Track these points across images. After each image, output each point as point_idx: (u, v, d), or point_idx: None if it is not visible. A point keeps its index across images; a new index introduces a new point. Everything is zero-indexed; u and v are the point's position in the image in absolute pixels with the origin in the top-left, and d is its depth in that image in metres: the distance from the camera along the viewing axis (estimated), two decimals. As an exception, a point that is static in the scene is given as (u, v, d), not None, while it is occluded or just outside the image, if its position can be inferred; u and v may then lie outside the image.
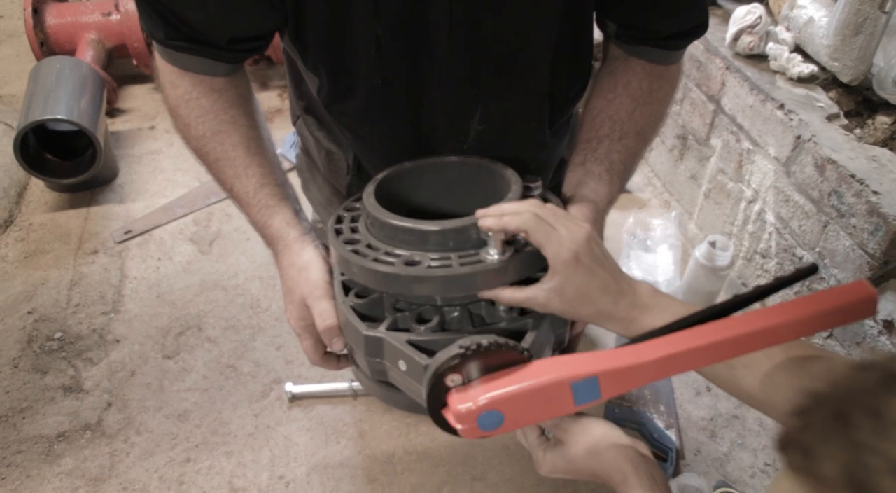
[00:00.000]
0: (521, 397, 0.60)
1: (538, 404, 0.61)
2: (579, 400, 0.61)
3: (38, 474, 1.22)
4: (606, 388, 0.62)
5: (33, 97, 1.72)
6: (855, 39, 1.25)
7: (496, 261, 0.65)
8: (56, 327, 1.48)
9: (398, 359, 0.66)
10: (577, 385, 0.61)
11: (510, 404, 0.60)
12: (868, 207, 1.12)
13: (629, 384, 0.63)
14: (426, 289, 0.66)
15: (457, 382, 0.61)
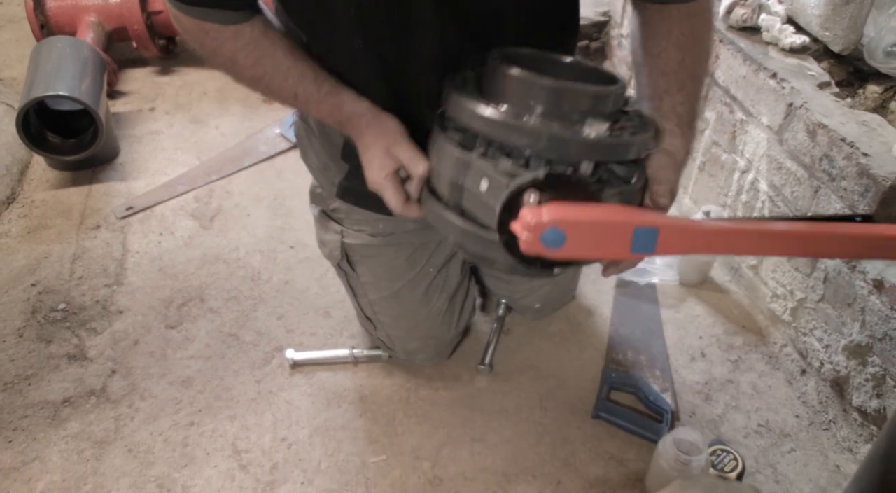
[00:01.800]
0: (587, 225, 0.68)
1: (599, 238, 0.68)
2: (636, 247, 0.69)
3: (44, 437, 1.24)
4: (663, 243, 0.70)
5: (35, 76, 1.73)
6: (845, 9, 1.28)
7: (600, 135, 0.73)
8: (60, 298, 1.50)
9: (481, 178, 0.73)
10: (638, 231, 0.68)
11: (574, 227, 0.66)
12: (858, 169, 1.14)
13: (684, 247, 0.73)
14: (525, 140, 0.72)
15: (533, 200, 0.68)
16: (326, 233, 1.22)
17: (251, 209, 1.76)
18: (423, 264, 1.23)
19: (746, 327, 1.46)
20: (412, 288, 1.24)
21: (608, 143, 0.72)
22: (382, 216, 1.16)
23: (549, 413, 1.30)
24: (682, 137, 0.88)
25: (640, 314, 1.49)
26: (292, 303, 1.50)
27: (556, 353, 1.41)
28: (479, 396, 1.33)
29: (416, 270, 1.23)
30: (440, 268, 1.27)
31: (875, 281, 1.14)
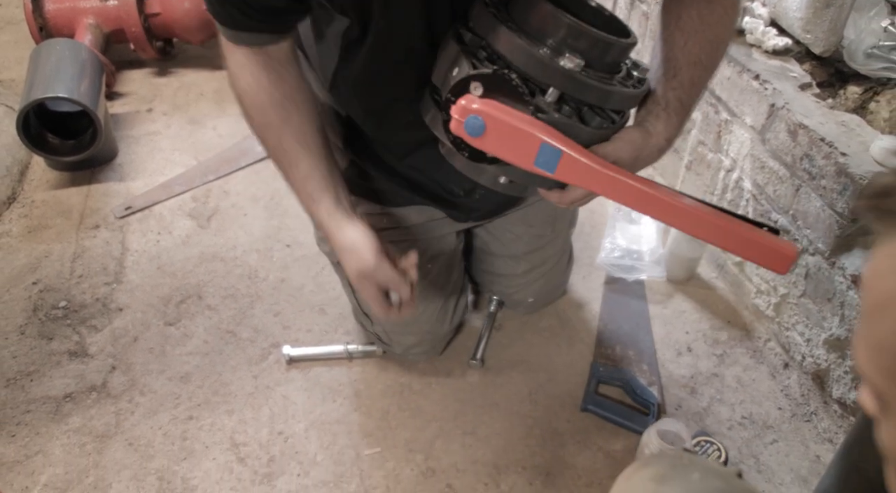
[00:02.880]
0: (503, 123, 0.77)
1: (511, 140, 0.78)
2: (539, 161, 0.79)
3: (46, 431, 1.27)
4: (562, 169, 0.80)
5: (35, 78, 1.76)
6: (826, 12, 1.31)
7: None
8: (60, 296, 1.53)
9: (456, 67, 0.82)
10: (545, 147, 0.78)
11: (493, 121, 0.77)
12: (837, 168, 1.18)
13: (580, 180, 0.82)
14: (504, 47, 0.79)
15: (475, 91, 0.78)
16: None
17: (248, 209, 1.79)
18: (423, 260, 1.27)
19: (732, 322, 1.50)
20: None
21: (575, 78, 0.79)
22: (386, 209, 1.20)
23: (538, 406, 1.33)
24: (664, 123, 0.90)
25: (628, 310, 1.53)
26: (288, 300, 1.54)
27: (547, 348, 1.45)
28: (471, 390, 1.36)
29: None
30: (438, 266, 1.30)
31: (853, 277, 1.18)
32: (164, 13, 2.18)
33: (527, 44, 0.79)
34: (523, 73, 0.79)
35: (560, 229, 1.40)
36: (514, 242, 1.36)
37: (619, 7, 1.87)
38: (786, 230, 1.33)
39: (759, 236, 0.83)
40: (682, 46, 0.89)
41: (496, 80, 0.78)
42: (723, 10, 0.89)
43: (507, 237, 1.36)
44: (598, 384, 1.35)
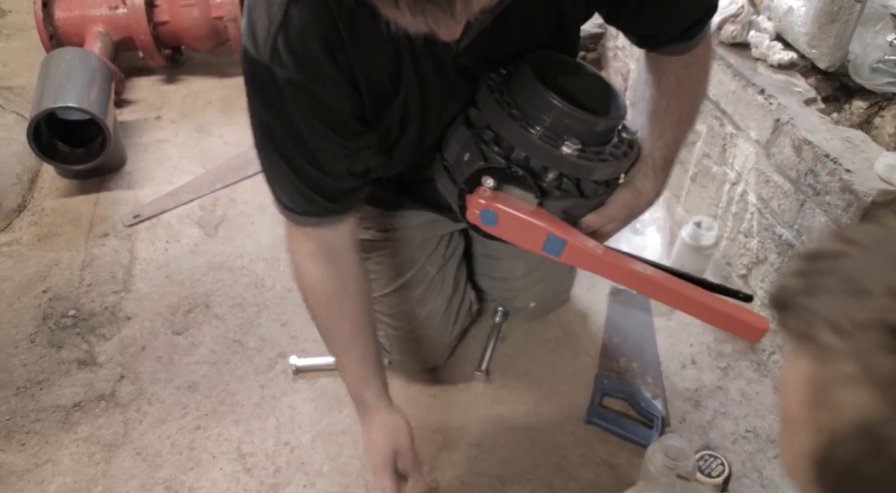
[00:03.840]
0: (512, 217, 0.90)
1: (520, 230, 0.91)
2: (546, 248, 0.92)
3: (55, 440, 1.29)
4: (567, 254, 0.92)
5: (45, 87, 1.78)
6: (831, 27, 1.32)
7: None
8: (70, 305, 1.54)
9: (467, 152, 0.91)
10: (550, 237, 0.90)
11: (503, 215, 0.89)
12: (841, 184, 1.18)
13: (582, 264, 0.96)
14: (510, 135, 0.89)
15: (488, 184, 0.89)
16: None
17: (255, 217, 1.80)
18: (422, 262, 1.28)
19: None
20: (412, 287, 1.29)
21: (573, 161, 0.88)
22: (388, 212, 1.23)
23: (543, 418, 1.34)
24: (652, 181, 1.02)
25: (633, 322, 1.54)
26: (295, 310, 1.55)
27: (551, 359, 1.46)
28: (476, 401, 1.37)
29: (415, 267, 1.28)
30: (439, 268, 1.31)
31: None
32: (173, 21, 2.20)
33: (527, 132, 0.88)
34: (526, 158, 0.90)
35: None
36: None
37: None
38: (790, 245, 1.33)
39: (734, 311, 0.96)
40: (664, 109, 0.99)
41: (505, 174, 0.89)
42: (698, 73, 1.00)
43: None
44: (602, 397, 1.36)
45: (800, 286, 0.34)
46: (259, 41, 0.79)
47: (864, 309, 0.30)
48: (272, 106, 0.84)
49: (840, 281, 0.31)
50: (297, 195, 0.91)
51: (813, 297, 0.32)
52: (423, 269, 1.29)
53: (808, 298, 0.32)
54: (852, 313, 0.30)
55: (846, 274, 0.31)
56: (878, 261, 0.31)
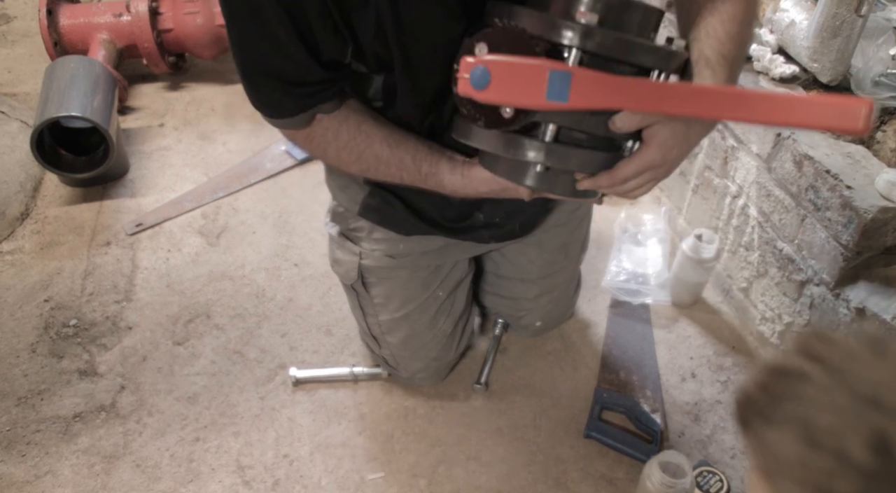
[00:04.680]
0: (506, 65, 0.72)
1: (517, 82, 0.72)
2: (551, 94, 0.71)
3: (56, 451, 1.29)
4: (576, 92, 0.72)
5: (49, 95, 1.79)
6: (833, 42, 1.32)
7: None
8: (71, 314, 1.55)
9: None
10: (553, 75, 0.71)
11: (496, 67, 0.72)
12: (842, 201, 1.18)
13: (598, 98, 0.73)
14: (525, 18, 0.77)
15: (479, 51, 0.75)
16: (343, 253, 1.25)
17: (257, 226, 1.80)
18: (434, 287, 1.28)
19: (736, 348, 1.50)
20: (422, 311, 1.29)
21: (592, 32, 0.75)
22: (403, 237, 1.20)
23: (542, 432, 1.34)
24: (710, 78, 0.82)
25: (633, 334, 1.54)
26: (295, 321, 1.55)
27: (551, 372, 1.46)
28: (475, 414, 1.37)
29: (427, 293, 1.27)
30: (449, 293, 1.31)
31: (857, 309, 1.18)
32: (177, 29, 2.20)
33: (538, 11, 0.76)
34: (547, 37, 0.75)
35: (572, 255, 1.41)
36: (527, 267, 1.36)
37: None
38: (791, 260, 1.33)
39: (829, 99, 0.69)
40: (710, 7, 0.84)
41: (501, 35, 0.74)
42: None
43: (521, 261, 1.36)
44: (601, 410, 1.36)
45: (759, 407, 0.34)
46: None
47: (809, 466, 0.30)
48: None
49: (795, 425, 0.31)
50: (274, 92, 0.88)
51: (769, 426, 0.32)
52: (434, 294, 1.28)
53: (765, 426, 0.33)
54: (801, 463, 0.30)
55: (801, 415, 0.31)
56: (837, 396, 0.31)
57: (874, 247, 1.19)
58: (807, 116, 0.68)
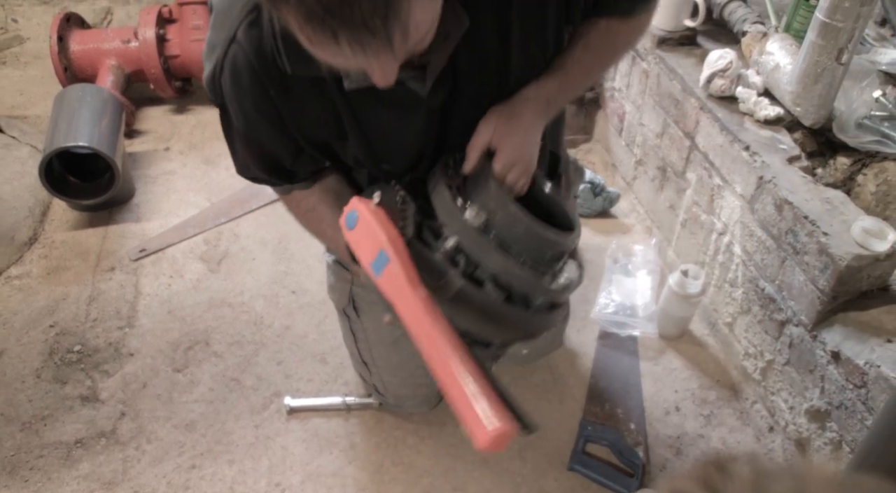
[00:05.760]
0: (363, 220, 0.83)
1: (364, 238, 0.83)
2: (374, 265, 0.82)
3: (57, 477, 1.34)
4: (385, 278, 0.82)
5: (57, 123, 1.85)
6: (814, 87, 1.35)
7: None
8: (75, 340, 1.60)
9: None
10: (381, 253, 0.81)
11: (359, 217, 0.84)
12: (818, 246, 1.21)
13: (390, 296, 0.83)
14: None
15: (375, 198, 0.85)
16: (338, 281, 1.31)
17: (256, 253, 1.85)
18: None
19: (721, 381, 1.53)
20: (410, 337, 1.33)
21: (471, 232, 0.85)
22: None
23: (527, 464, 1.38)
24: (535, 89, 0.92)
25: (619, 366, 1.57)
26: (291, 348, 1.60)
27: (538, 403, 1.49)
28: (462, 445, 1.41)
29: None
30: None
31: (833, 353, 1.21)
32: (183, 55, 2.26)
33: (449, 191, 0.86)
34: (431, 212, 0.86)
35: None
36: None
37: (621, 63, 1.91)
38: (772, 299, 1.36)
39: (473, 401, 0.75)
40: (577, 58, 0.95)
41: (391, 194, 0.87)
42: (623, 43, 1.01)
43: None
44: (585, 443, 1.40)
45: None
46: (207, 83, 0.88)
47: None
48: (224, 121, 0.94)
49: None
50: (260, 177, 1.01)
51: None
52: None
53: None
54: None
55: None
56: None
57: (850, 292, 1.22)
58: (459, 402, 0.76)
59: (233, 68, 0.84)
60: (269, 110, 0.87)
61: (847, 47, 1.28)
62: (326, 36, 0.60)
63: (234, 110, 0.89)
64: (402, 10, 0.60)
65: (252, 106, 0.86)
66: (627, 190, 1.99)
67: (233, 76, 0.84)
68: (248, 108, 0.87)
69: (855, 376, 1.16)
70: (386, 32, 0.61)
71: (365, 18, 0.59)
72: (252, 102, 0.86)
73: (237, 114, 0.89)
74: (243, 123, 0.90)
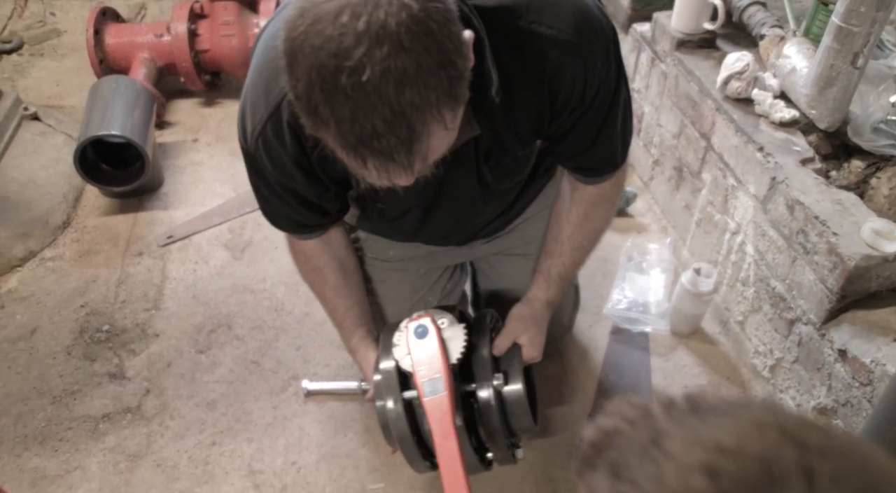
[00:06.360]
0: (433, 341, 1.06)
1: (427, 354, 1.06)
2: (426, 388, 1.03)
3: (84, 448, 1.40)
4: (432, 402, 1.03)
5: (92, 113, 1.92)
6: (829, 91, 1.37)
7: None
8: (104, 320, 1.67)
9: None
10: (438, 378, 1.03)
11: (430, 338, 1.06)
12: (828, 246, 1.23)
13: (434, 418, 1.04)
14: None
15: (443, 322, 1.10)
16: None
17: (279, 242, 1.90)
18: (424, 291, 1.37)
19: (731, 379, 1.56)
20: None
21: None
22: (393, 243, 1.33)
23: (536, 452, 1.41)
24: (544, 291, 1.19)
25: (630, 361, 1.60)
26: (310, 335, 1.65)
27: (549, 395, 1.52)
28: (473, 432, 1.44)
29: (417, 297, 1.36)
30: (440, 299, 1.39)
31: (840, 351, 1.23)
32: (213, 49, 2.33)
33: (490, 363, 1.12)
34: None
35: None
36: (515, 275, 1.42)
37: (641, 63, 1.94)
38: (782, 298, 1.38)
39: None
40: (569, 235, 1.17)
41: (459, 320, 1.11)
42: (604, 212, 1.18)
43: (508, 270, 1.42)
44: (594, 434, 1.42)
45: (588, 458, 0.41)
46: (248, 140, 0.97)
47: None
48: (257, 175, 1.04)
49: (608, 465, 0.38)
50: (282, 223, 1.14)
51: (593, 471, 0.39)
52: (424, 299, 1.37)
53: (590, 472, 0.39)
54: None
55: (612, 458, 0.38)
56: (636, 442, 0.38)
57: (858, 292, 1.24)
58: None
59: (277, 129, 0.93)
60: (305, 163, 0.97)
61: (863, 51, 1.30)
62: (357, 160, 0.71)
63: (269, 160, 0.97)
64: (423, 145, 0.70)
65: (291, 160, 0.96)
66: (644, 190, 2.02)
67: (276, 136, 0.93)
68: (287, 161, 0.96)
69: (861, 375, 1.18)
70: (408, 161, 0.71)
71: (391, 152, 0.69)
72: (291, 156, 0.95)
73: (273, 162, 0.97)
74: (278, 172, 0.99)
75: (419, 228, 1.23)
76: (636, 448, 0.37)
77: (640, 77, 1.96)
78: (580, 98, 0.98)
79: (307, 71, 0.67)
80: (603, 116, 1.03)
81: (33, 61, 2.68)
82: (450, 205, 1.13)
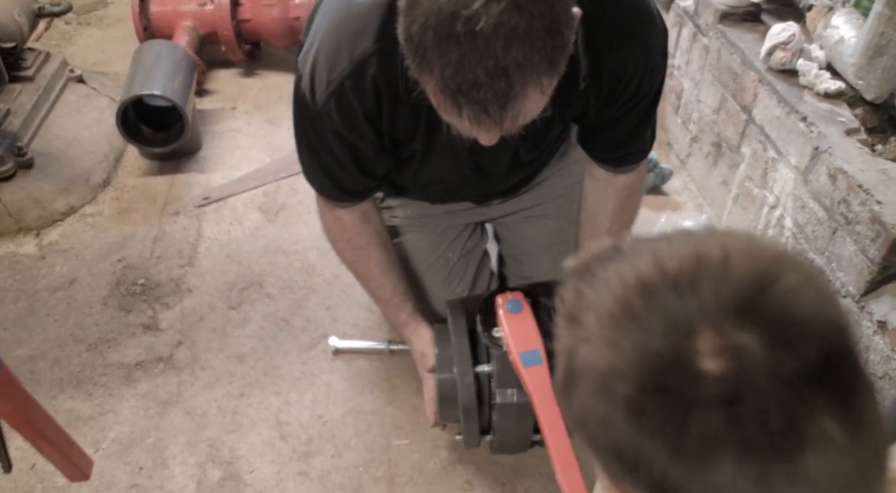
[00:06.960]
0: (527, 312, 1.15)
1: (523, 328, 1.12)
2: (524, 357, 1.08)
3: (118, 393, 1.43)
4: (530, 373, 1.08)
5: (135, 75, 1.95)
6: (879, 60, 1.33)
7: None
8: (140, 274, 1.70)
9: None
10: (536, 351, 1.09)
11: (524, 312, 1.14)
12: (871, 215, 1.20)
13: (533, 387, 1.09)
14: None
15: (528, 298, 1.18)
16: None
17: (313, 207, 1.89)
18: (443, 248, 1.37)
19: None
20: (435, 272, 1.38)
21: None
22: (411, 201, 1.35)
23: (561, 418, 1.40)
24: None
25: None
26: (340, 296, 1.66)
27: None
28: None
29: (437, 253, 1.36)
30: (460, 256, 1.39)
31: (879, 322, 1.20)
32: (254, 19, 2.35)
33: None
34: None
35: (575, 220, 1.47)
36: (534, 238, 1.40)
37: (683, 38, 1.91)
38: (820, 271, 1.35)
39: None
40: (608, 228, 1.20)
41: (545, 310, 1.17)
42: (637, 204, 1.23)
43: (527, 232, 1.40)
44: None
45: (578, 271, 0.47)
46: (316, 95, 0.96)
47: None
48: (315, 132, 1.04)
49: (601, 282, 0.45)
50: (327, 187, 1.14)
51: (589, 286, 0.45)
52: (444, 255, 1.37)
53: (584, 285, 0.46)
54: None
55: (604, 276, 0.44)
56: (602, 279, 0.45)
57: (901, 262, 1.21)
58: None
59: (358, 83, 0.93)
60: (376, 119, 0.99)
61: (915, 18, 1.27)
62: (453, 107, 0.73)
63: (340, 114, 0.97)
64: (518, 104, 0.72)
65: (363, 115, 0.97)
66: (681, 168, 1.99)
67: (356, 89, 0.94)
68: (359, 115, 0.97)
69: (900, 346, 1.15)
70: (500, 116, 0.73)
71: (486, 104, 0.71)
72: (367, 111, 0.97)
73: (343, 116, 0.97)
74: (346, 126, 0.99)
75: (444, 194, 1.25)
76: (599, 260, 0.46)
77: (681, 52, 1.93)
78: (636, 89, 0.99)
79: (425, 13, 0.69)
80: (648, 106, 1.05)
81: (80, 30, 2.74)
82: (481, 176, 1.16)
